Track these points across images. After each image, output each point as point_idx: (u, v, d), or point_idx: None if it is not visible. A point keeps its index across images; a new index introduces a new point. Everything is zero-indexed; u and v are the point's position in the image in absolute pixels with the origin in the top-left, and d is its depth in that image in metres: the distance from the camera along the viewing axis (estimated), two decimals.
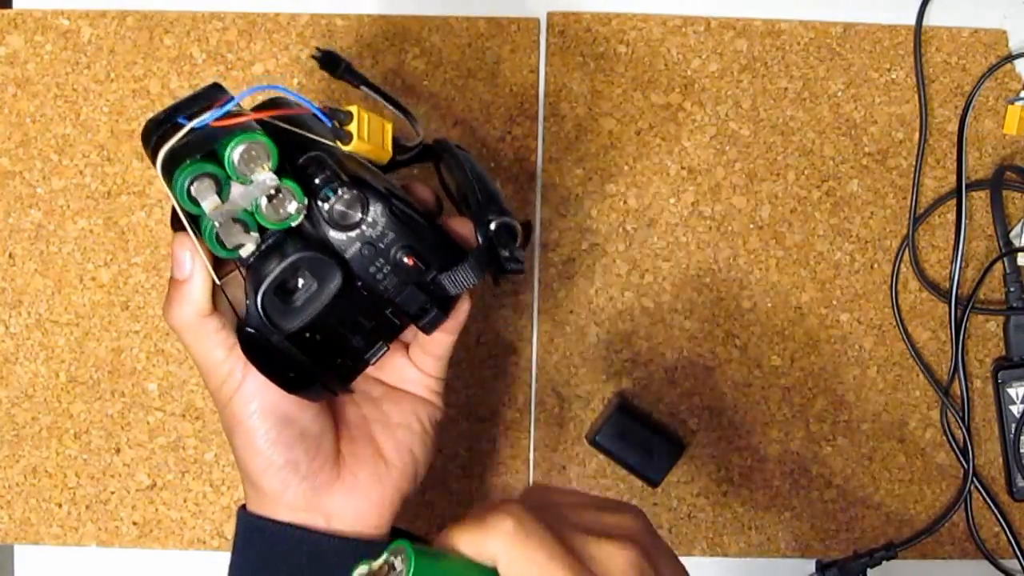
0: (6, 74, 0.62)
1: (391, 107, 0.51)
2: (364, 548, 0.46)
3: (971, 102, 0.62)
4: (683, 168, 0.62)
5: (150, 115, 0.41)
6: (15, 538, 0.63)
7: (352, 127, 0.43)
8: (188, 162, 0.39)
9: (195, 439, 0.63)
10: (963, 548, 0.63)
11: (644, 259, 0.62)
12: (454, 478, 0.63)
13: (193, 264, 0.43)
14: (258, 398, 0.44)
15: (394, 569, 0.34)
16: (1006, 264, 0.62)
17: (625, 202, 0.62)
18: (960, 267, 0.62)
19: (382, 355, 0.45)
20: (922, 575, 0.63)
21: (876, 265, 0.63)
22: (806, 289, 0.63)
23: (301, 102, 0.42)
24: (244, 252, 0.41)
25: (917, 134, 0.62)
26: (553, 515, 0.37)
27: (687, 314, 0.62)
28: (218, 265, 0.44)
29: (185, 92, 0.62)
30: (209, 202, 0.39)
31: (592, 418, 0.63)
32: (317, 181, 0.42)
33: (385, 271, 0.43)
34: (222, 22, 0.62)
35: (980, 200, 0.63)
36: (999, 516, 0.62)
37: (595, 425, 0.61)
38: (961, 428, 0.62)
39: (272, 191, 0.40)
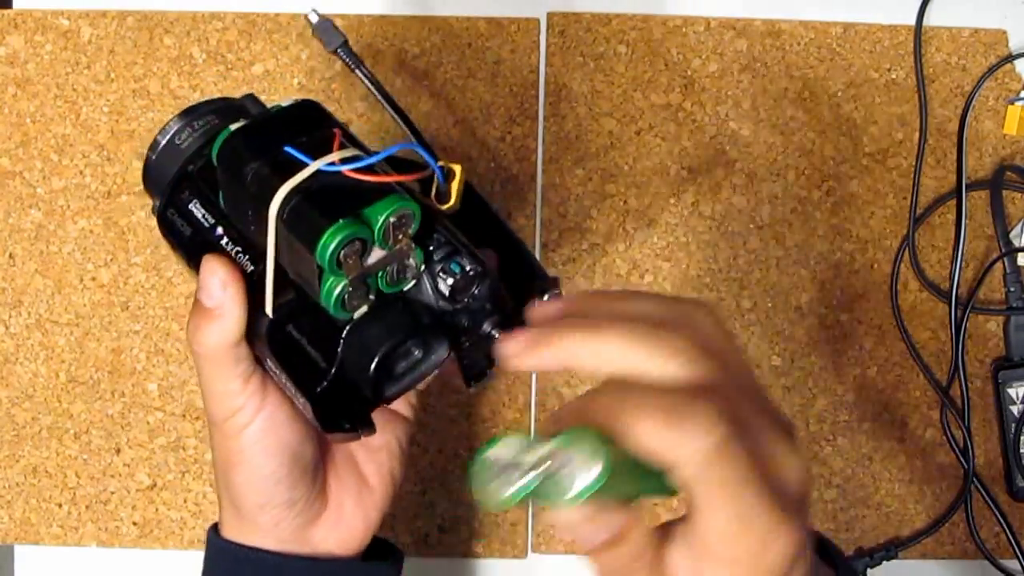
0: (6, 74, 0.62)
1: (391, 111, 0.42)
2: (332, 568, 0.45)
3: (971, 102, 0.62)
4: (683, 168, 0.62)
5: (235, 123, 0.38)
6: (15, 538, 0.63)
7: (453, 185, 0.40)
8: (342, 222, 0.35)
9: (195, 439, 0.63)
10: (963, 548, 0.63)
11: (644, 259, 0.62)
12: (454, 478, 0.63)
13: (225, 293, 0.39)
14: (270, 435, 0.42)
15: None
16: (1006, 264, 0.62)
17: (625, 202, 0.62)
18: (960, 267, 0.62)
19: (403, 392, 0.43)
20: (922, 575, 0.63)
21: (876, 265, 0.63)
22: (806, 289, 0.63)
23: (428, 161, 0.39)
24: (357, 314, 0.38)
25: (917, 134, 0.62)
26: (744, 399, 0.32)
27: None
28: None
29: (185, 92, 0.62)
30: (351, 266, 0.36)
31: None
32: (432, 248, 0.39)
33: (473, 340, 0.41)
34: (222, 22, 0.62)
35: (980, 200, 0.63)
36: (999, 516, 0.62)
37: None
38: (961, 428, 0.62)
39: (407, 258, 0.38)
